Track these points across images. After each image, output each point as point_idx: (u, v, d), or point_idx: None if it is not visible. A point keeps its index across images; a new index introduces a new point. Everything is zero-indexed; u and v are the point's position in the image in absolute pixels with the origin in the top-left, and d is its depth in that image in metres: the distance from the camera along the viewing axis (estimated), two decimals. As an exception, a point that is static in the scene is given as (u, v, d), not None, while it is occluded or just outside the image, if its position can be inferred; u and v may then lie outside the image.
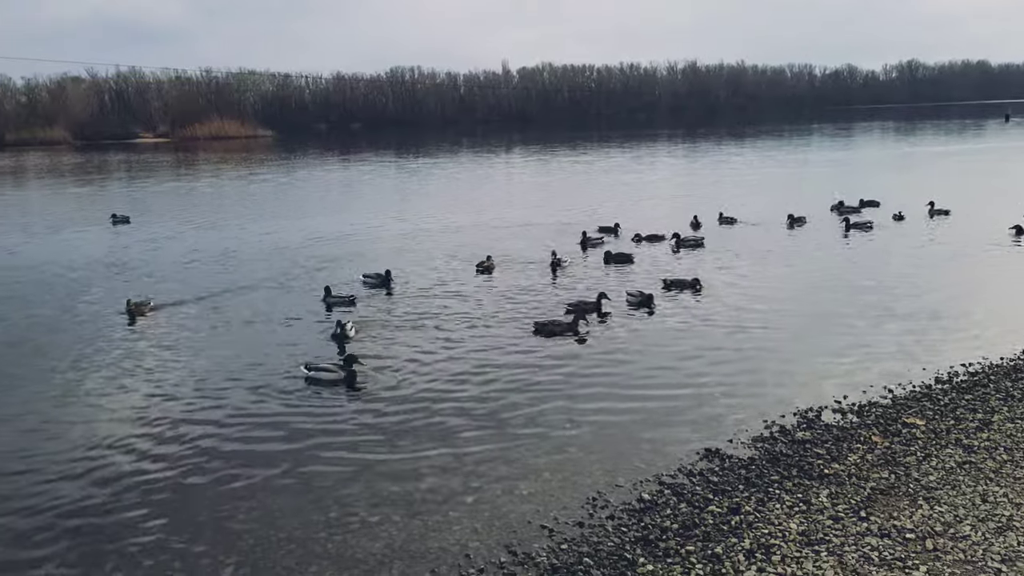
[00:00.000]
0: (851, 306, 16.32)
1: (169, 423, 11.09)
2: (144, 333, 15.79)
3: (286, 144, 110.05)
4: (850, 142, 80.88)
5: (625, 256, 21.86)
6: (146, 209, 38.47)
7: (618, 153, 71.49)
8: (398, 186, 47.88)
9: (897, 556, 7.09)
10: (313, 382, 12.54)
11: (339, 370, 12.65)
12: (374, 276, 19.61)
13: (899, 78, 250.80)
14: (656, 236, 24.78)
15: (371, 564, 7.51)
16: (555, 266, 20.70)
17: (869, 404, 11.05)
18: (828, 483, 8.65)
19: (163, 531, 8.17)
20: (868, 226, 25.87)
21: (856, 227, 25.72)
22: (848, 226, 25.67)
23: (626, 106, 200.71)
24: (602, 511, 8.40)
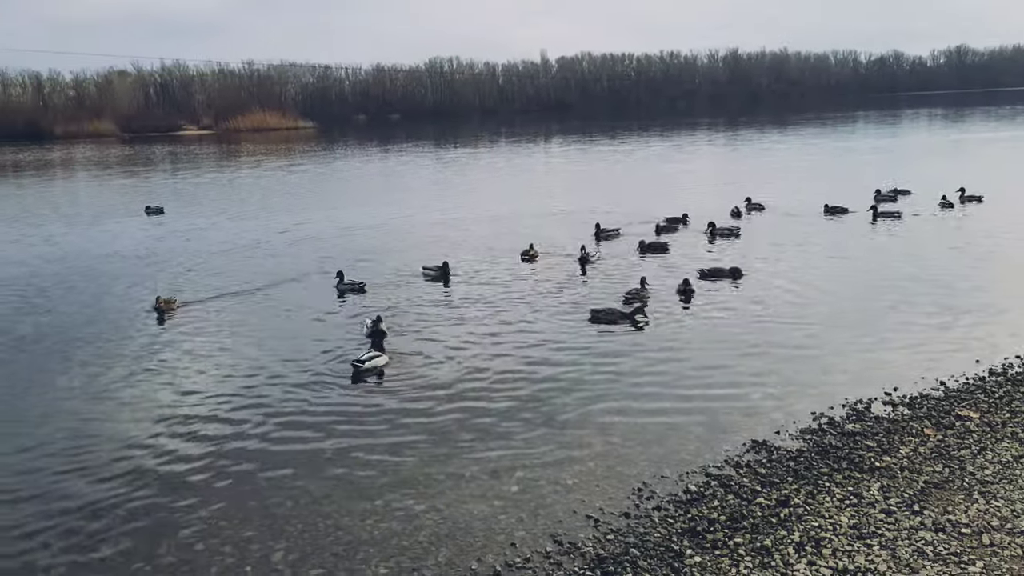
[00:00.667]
0: (898, 296, 15.98)
1: (210, 418, 11.24)
2: (174, 331, 15.62)
3: (326, 135, 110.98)
4: (896, 129, 79.27)
5: (660, 245, 21.70)
6: (186, 200, 39.36)
7: (658, 142, 70.91)
8: (437, 176, 48.01)
9: (952, 551, 6.94)
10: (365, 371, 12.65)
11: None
12: (433, 268, 19.43)
13: (947, 64, 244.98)
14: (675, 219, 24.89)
15: (416, 552, 7.55)
16: (583, 261, 20.04)
17: (921, 396, 10.83)
18: (879, 476, 8.50)
19: (213, 517, 8.30)
20: (897, 215, 25.41)
21: (884, 216, 25.24)
22: (875, 215, 25.20)
23: (666, 95, 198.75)
24: (648, 502, 8.35)
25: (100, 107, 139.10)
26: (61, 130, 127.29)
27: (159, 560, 7.54)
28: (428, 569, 7.26)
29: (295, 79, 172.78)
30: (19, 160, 76.38)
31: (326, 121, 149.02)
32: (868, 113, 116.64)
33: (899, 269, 18.47)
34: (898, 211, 25.83)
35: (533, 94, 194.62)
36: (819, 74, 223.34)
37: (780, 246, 21.66)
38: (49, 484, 9.21)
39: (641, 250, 21.45)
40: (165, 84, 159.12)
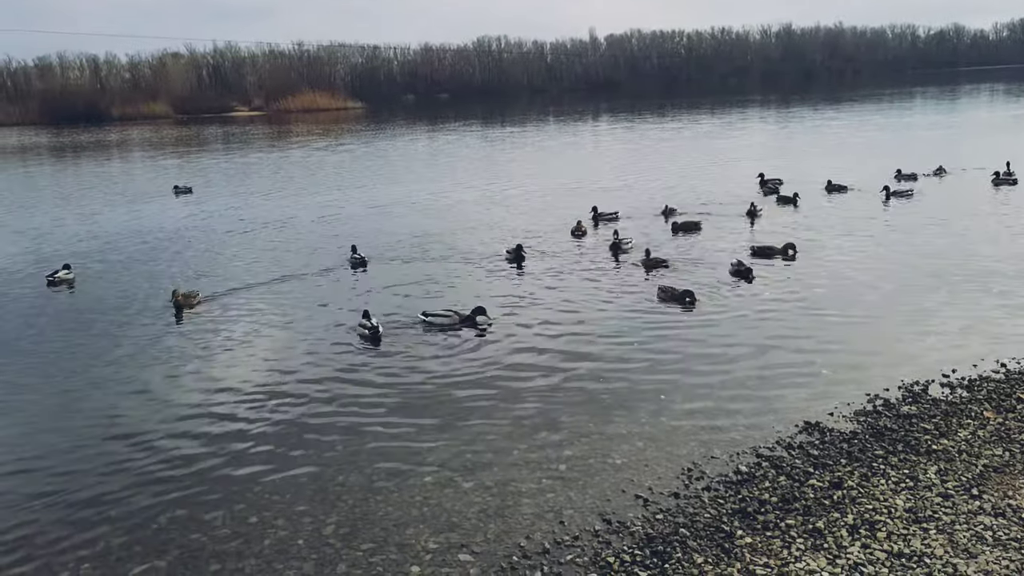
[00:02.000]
0: (957, 275, 15.56)
1: (257, 398, 11.40)
2: (196, 325, 14.97)
3: (375, 115, 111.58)
4: (955, 105, 76.92)
5: (693, 224, 21.37)
6: (221, 179, 40.04)
7: (707, 120, 69.86)
8: (484, 154, 47.93)
9: (1013, 536, 6.77)
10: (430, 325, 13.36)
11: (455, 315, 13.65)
12: (510, 251, 19.00)
13: (1010, 37, 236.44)
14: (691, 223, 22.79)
15: (466, 528, 7.61)
16: (616, 248, 19.20)
17: (980, 378, 10.55)
18: (936, 459, 8.31)
19: (266, 492, 8.45)
20: (909, 194, 24.89)
21: (896, 195, 24.71)
22: (888, 195, 24.59)
23: (717, 72, 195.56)
24: (698, 482, 8.29)
25: (155, 89, 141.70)
26: (118, 112, 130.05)
27: (214, 532, 7.72)
28: (477, 545, 7.32)
29: (344, 60, 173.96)
30: (78, 141, 78.28)
31: (375, 101, 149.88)
32: (927, 89, 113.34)
33: (959, 249, 17.96)
34: (910, 190, 25.29)
35: (582, 72, 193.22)
36: (875, 49, 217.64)
37: (834, 224, 21.21)
38: (103, 457, 9.47)
39: (674, 230, 21.13)
40: (217, 66, 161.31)
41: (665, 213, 23.41)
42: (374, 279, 17.76)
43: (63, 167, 52.63)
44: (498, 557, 7.12)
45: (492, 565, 7.01)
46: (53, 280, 18.10)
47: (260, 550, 7.38)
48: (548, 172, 36.59)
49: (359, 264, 18.93)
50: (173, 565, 7.22)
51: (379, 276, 18.01)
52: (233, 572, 7.07)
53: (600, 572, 6.79)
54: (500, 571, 6.91)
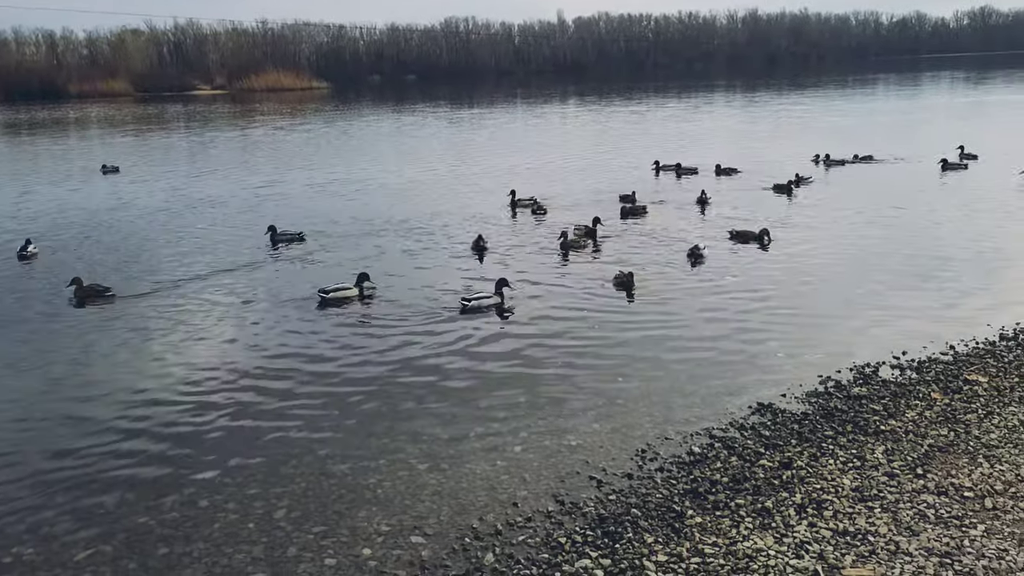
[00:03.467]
0: (911, 261, 15.86)
1: (208, 380, 11.28)
2: (129, 311, 15.06)
3: (340, 96, 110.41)
4: (917, 92, 78.02)
5: (640, 209, 21.48)
6: (157, 158, 39.82)
7: (674, 104, 70.14)
8: (444, 135, 47.68)
9: (954, 514, 6.91)
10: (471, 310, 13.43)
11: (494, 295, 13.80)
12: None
13: (971, 25, 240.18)
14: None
15: (419, 510, 7.59)
16: (565, 247, 17.83)
17: (929, 360, 10.75)
18: (884, 439, 8.46)
19: (218, 475, 8.36)
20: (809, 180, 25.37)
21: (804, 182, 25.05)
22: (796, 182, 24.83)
23: (684, 57, 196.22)
24: (651, 463, 8.35)
25: (114, 66, 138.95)
26: (76, 89, 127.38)
27: (162, 515, 7.61)
28: (429, 527, 7.30)
29: (309, 39, 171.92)
30: (33, 119, 76.50)
31: (340, 81, 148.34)
32: (889, 76, 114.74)
33: (915, 234, 18.29)
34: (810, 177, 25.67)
35: (549, 55, 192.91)
36: (839, 36, 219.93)
37: (799, 207, 21.45)
38: (45, 441, 9.29)
39: (623, 215, 21.13)
40: (178, 43, 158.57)
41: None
42: (295, 259, 17.78)
43: (10, 145, 51.40)
44: (450, 539, 7.12)
45: (444, 547, 7.00)
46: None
47: (210, 534, 7.30)
48: (508, 153, 36.51)
49: (280, 242, 18.97)
50: (120, 550, 7.11)
51: (297, 256, 18.09)
52: (181, 556, 6.99)
53: (551, 553, 6.81)
54: (452, 553, 6.91)
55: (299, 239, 19.26)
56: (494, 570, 6.62)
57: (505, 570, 6.61)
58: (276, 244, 18.88)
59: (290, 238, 19.24)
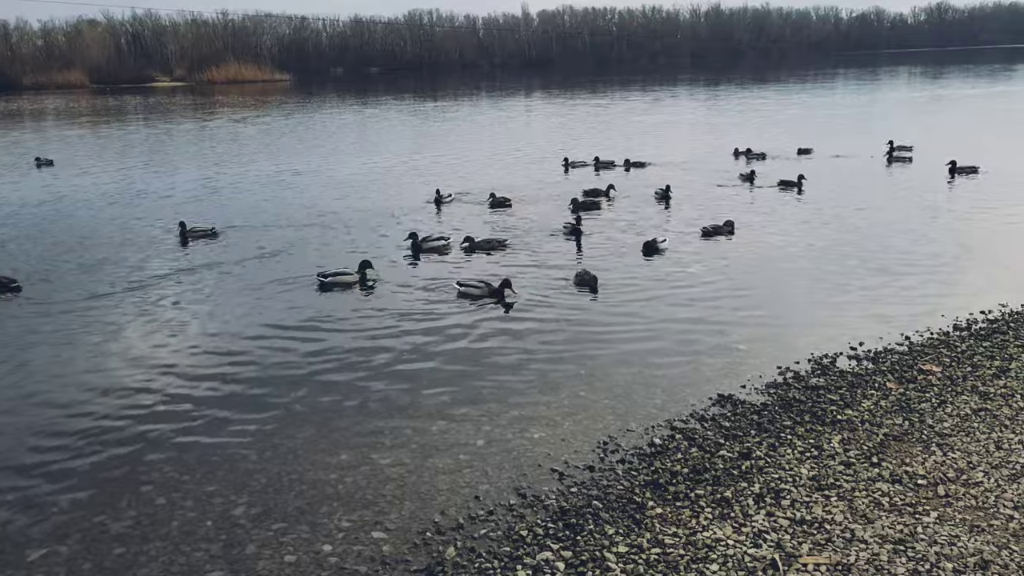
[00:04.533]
0: (867, 253, 16.11)
1: (167, 374, 11.14)
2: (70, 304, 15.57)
3: (303, 88, 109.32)
4: (877, 86, 79.23)
5: (593, 203, 21.48)
6: (96, 151, 39.15)
7: (638, 97, 70.47)
8: (413, 129, 47.47)
9: (908, 502, 7.04)
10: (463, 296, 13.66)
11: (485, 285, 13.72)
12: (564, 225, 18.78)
13: (928, 21, 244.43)
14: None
15: (381, 506, 7.56)
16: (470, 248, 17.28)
17: (885, 351, 10.94)
18: (841, 429, 8.59)
19: (176, 472, 8.25)
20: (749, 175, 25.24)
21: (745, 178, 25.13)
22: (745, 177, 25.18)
23: (648, 50, 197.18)
24: (613, 455, 8.39)
25: (70, 57, 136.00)
26: (30, 81, 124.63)
27: (119, 514, 7.49)
28: (391, 522, 7.28)
29: (271, 30, 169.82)
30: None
31: (303, 74, 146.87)
32: (848, 70, 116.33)
33: (872, 227, 18.59)
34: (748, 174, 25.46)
35: (514, 48, 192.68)
36: (800, 30, 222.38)
37: (750, 195, 21.68)
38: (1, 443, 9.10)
39: (575, 208, 21.09)
40: (137, 34, 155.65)
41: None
42: (219, 253, 17.66)
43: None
44: (412, 534, 7.10)
45: (405, 542, 6.98)
46: None
47: (167, 532, 7.20)
48: (467, 147, 36.45)
49: (191, 239, 18.71)
50: (75, 549, 6.99)
51: (222, 249, 17.98)
52: (137, 555, 6.88)
53: (513, 546, 6.82)
54: (413, 548, 6.89)
55: (211, 234, 18.94)
56: (456, 564, 6.61)
57: (467, 564, 6.61)
58: (186, 241, 18.59)
59: (202, 233, 18.93)
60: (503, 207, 21.83)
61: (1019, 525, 6.62)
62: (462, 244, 17.21)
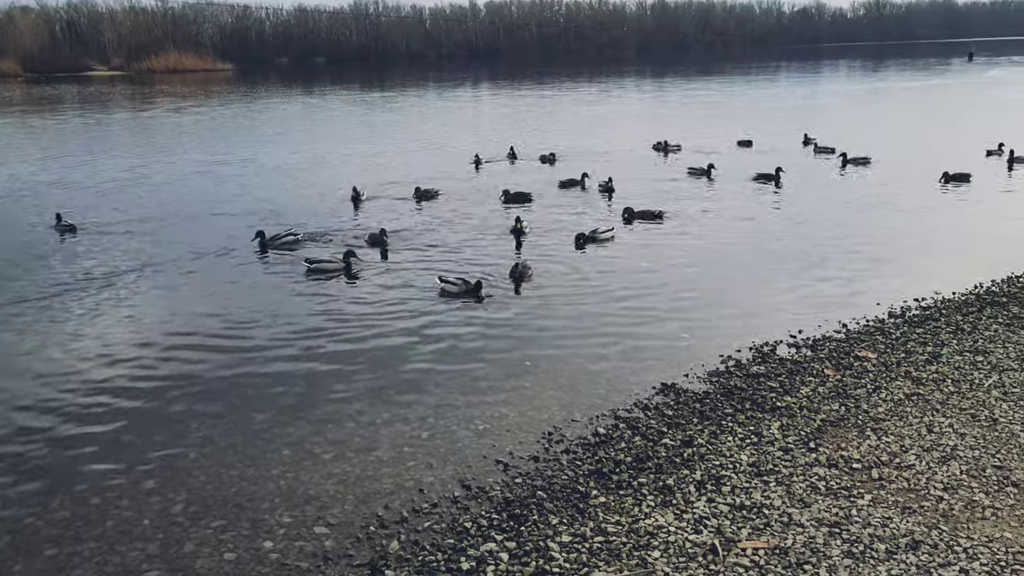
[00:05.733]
0: (807, 244, 16.44)
1: (101, 370, 10.88)
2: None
3: (246, 78, 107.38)
4: (818, 79, 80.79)
5: (523, 195, 21.44)
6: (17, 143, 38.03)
7: (585, 88, 70.75)
8: (363, 120, 47.00)
9: (843, 485, 7.21)
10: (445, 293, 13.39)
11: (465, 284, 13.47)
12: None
13: (866, 16, 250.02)
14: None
15: (324, 501, 7.48)
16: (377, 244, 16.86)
17: (823, 338, 11.17)
18: (780, 415, 8.75)
19: (111, 471, 8.04)
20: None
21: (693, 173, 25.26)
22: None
23: (595, 42, 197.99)
24: (557, 445, 8.42)
25: (1, 45, 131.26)
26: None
27: (51, 515, 7.29)
28: (333, 517, 7.20)
29: (212, 19, 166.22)
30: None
31: (246, 63, 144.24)
32: (791, 64, 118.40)
33: (810, 219, 18.97)
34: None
35: (461, 39, 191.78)
36: (744, 24, 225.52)
37: (697, 188, 21.94)
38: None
39: (506, 200, 21.13)
40: (72, 22, 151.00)
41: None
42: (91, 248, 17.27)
43: None
44: (355, 528, 7.04)
45: (348, 536, 6.92)
46: None
47: (102, 532, 7.02)
48: (421, 137, 36.23)
49: (66, 231, 18.47)
50: (3, 552, 6.77)
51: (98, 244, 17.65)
52: (71, 556, 6.70)
53: (457, 538, 6.80)
54: (356, 542, 6.83)
55: (70, 229, 18.53)
56: (399, 557, 6.57)
57: (410, 557, 6.57)
58: (63, 233, 18.40)
59: (64, 228, 18.58)
60: (429, 199, 21.53)
61: (948, 506, 6.83)
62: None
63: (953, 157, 25.45)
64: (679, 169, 26.03)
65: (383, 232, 16.94)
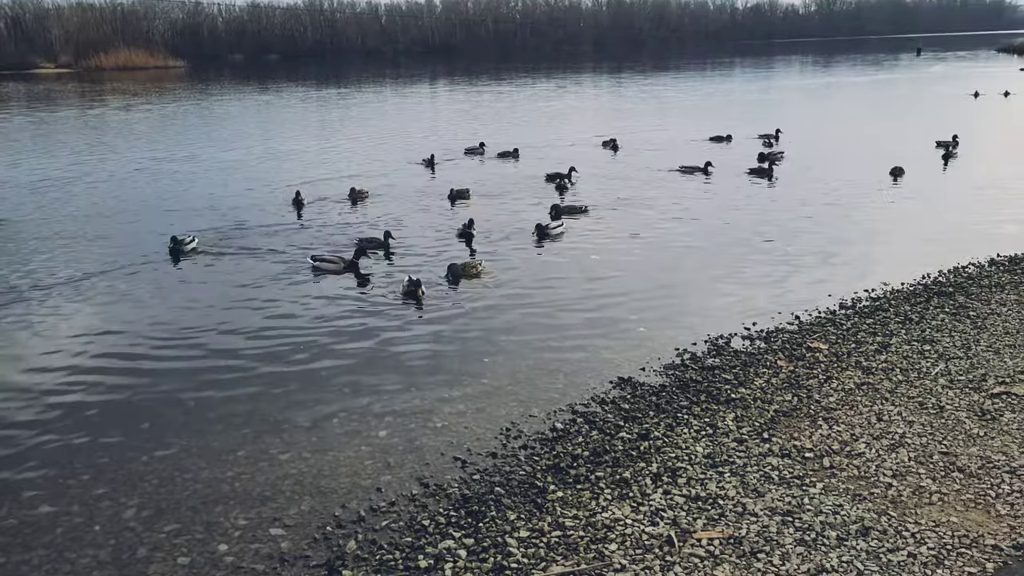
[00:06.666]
0: (760, 238, 16.66)
1: (51, 375, 10.66)
2: None
3: (198, 75, 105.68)
4: (771, 74, 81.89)
5: (463, 192, 21.30)
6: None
7: (543, 85, 70.86)
8: (317, 117, 46.55)
9: (796, 474, 7.33)
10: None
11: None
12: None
13: (817, 12, 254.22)
14: None
15: (280, 501, 7.41)
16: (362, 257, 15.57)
17: (776, 330, 11.34)
18: (734, 407, 8.87)
19: (61, 477, 7.88)
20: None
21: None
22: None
23: (551, 38, 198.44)
24: (515, 441, 8.44)
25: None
26: None
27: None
28: (289, 518, 7.13)
29: (163, 15, 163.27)
30: None
31: (199, 60, 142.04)
32: (744, 59, 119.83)
33: (762, 214, 19.22)
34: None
35: (417, 35, 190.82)
36: (698, 19, 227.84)
37: (645, 188, 22.13)
38: None
39: (451, 198, 21.03)
40: (17, 18, 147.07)
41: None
42: None
43: None
44: (311, 529, 6.98)
45: (304, 537, 6.86)
46: None
47: (51, 540, 6.87)
48: (379, 137, 35.99)
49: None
50: (-52, 563, 6.61)
51: None
52: (19, 564, 6.55)
53: (415, 536, 6.79)
54: (312, 543, 6.78)
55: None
56: (356, 557, 6.53)
57: (368, 556, 6.54)
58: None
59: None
60: (363, 200, 21.10)
61: (897, 492, 6.98)
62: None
63: (902, 152, 26.01)
64: (632, 165, 26.19)
65: (387, 234, 16.43)
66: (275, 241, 17.11)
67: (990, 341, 10.47)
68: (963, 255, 14.71)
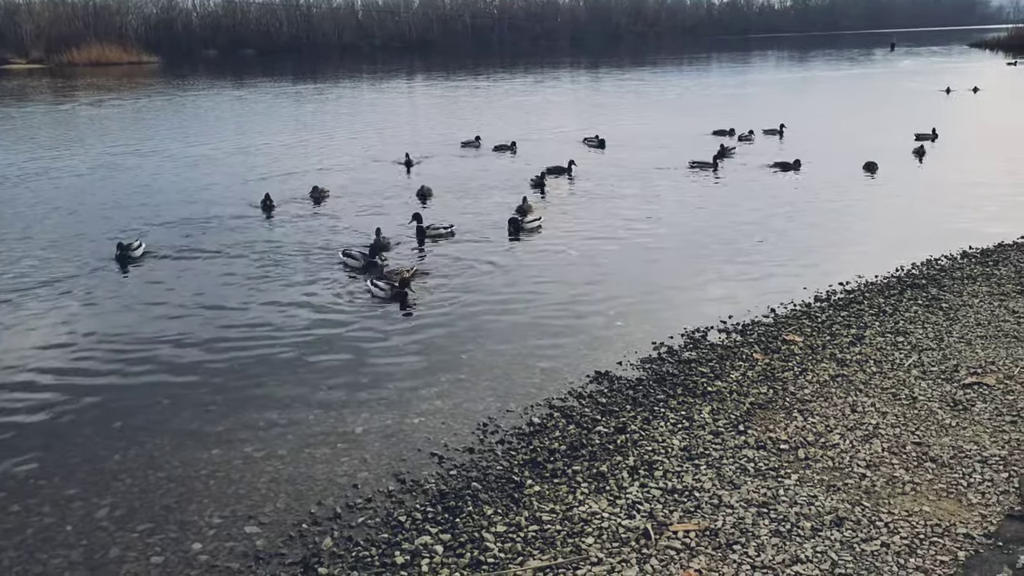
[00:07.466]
0: (735, 232, 16.76)
1: (25, 366, 10.52)
2: None
3: (173, 70, 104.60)
4: (748, 69, 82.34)
5: (427, 191, 20.94)
6: None
7: (521, 81, 70.80)
8: (291, 113, 46.23)
9: (771, 466, 7.37)
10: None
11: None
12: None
13: (793, 7, 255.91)
14: None
15: (255, 499, 7.34)
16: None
17: (752, 323, 11.40)
18: (711, 400, 8.90)
19: (31, 477, 7.77)
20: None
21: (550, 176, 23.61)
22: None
23: (528, 33, 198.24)
24: (492, 436, 8.43)
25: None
26: None
27: (-33, 525, 7.01)
28: (265, 516, 7.08)
29: (136, 10, 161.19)
30: None
31: (173, 56, 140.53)
32: (721, 54, 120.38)
33: (739, 207, 19.33)
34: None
35: (394, 30, 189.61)
36: (675, 15, 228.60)
37: (621, 182, 22.18)
38: None
39: (420, 195, 20.79)
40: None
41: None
42: None
43: None
44: (287, 526, 6.93)
45: (280, 535, 6.80)
46: None
47: (21, 540, 6.77)
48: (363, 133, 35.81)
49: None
50: (-84, 566, 6.50)
51: None
52: (-12, 567, 6.46)
53: (391, 532, 6.75)
54: (288, 540, 6.73)
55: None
56: (332, 554, 6.50)
57: (344, 553, 6.50)
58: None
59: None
60: (325, 198, 20.64)
61: (871, 483, 7.04)
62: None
63: (876, 145, 26.24)
64: (614, 162, 26.24)
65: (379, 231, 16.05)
66: (242, 240, 16.89)
67: (962, 332, 10.59)
68: (936, 248, 14.87)
